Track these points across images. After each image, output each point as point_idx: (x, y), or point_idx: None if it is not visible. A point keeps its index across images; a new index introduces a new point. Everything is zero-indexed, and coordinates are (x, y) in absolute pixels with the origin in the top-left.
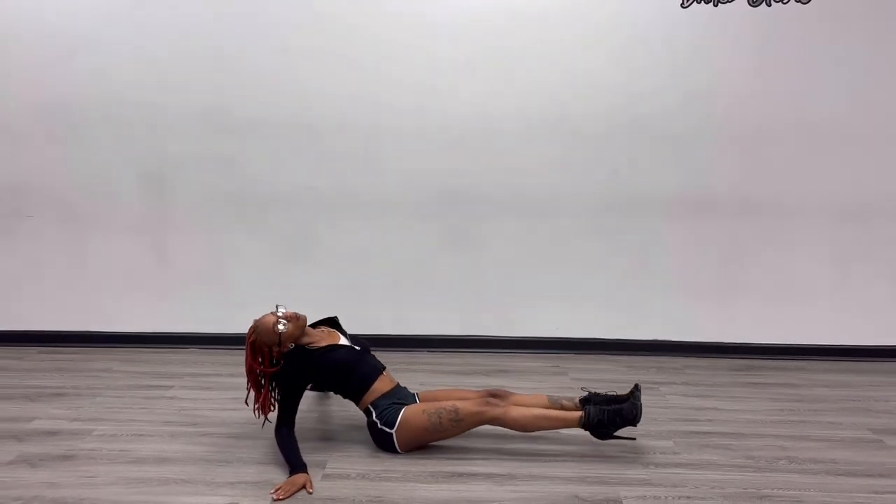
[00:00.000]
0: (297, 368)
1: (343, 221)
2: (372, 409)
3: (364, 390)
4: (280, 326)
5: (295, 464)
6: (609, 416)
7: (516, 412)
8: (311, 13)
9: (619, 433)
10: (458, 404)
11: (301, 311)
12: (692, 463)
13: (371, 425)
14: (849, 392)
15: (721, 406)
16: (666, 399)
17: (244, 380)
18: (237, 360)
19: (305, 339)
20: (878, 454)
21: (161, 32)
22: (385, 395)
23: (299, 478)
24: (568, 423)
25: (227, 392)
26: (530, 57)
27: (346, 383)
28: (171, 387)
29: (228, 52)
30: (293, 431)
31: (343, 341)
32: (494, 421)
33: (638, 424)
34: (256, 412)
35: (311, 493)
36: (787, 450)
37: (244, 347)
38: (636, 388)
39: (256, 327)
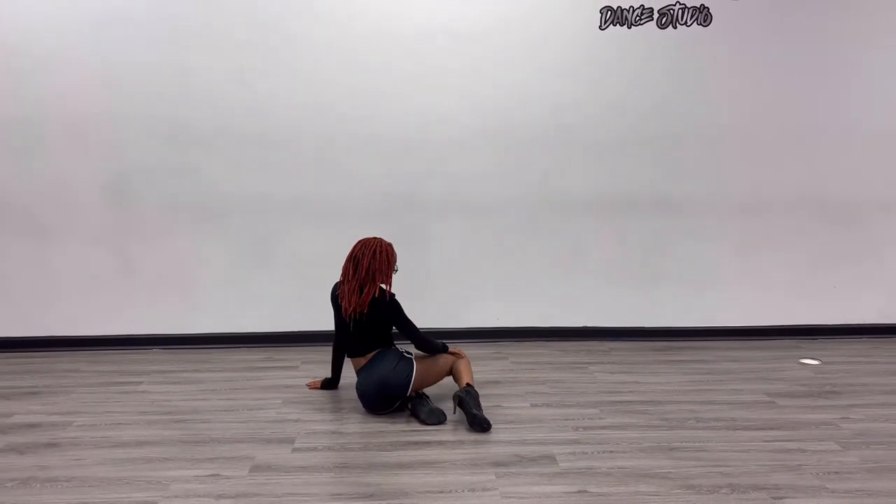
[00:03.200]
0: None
1: (299, 226)
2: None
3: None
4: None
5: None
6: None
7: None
8: (265, 30)
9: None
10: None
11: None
12: (615, 425)
13: (395, 352)
14: (751, 365)
15: (642, 380)
16: (594, 376)
17: (210, 374)
18: (200, 358)
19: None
20: (770, 412)
21: (122, 50)
22: None
23: None
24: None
25: (195, 385)
26: (468, 72)
27: None
28: (141, 382)
29: (187, 68)
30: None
31: None
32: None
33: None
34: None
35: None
36: (695, 412)
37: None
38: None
39: (390, 246)
